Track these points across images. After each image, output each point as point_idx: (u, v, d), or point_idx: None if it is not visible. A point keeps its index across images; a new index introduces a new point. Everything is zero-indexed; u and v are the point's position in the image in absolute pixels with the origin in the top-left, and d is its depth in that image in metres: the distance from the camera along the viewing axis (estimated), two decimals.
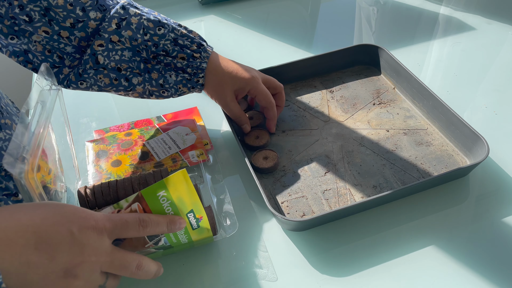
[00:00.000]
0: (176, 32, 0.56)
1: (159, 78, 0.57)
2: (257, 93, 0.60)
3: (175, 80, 0.58)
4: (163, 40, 0.55)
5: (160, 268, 0.42)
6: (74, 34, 0.53)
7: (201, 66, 0.57)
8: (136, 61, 0.56)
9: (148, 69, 0.57)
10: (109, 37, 0.53)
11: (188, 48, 0.57)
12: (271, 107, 0.62)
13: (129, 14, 0.54)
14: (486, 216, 0.53)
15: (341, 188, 0.57)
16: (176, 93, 0.59)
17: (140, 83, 0.57)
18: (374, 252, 0.50)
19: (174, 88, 0.58)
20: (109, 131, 0.67)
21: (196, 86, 0.59)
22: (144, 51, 0.55)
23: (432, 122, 0.64)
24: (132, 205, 0.42)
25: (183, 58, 0.57)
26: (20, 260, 0.32)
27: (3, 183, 0.44)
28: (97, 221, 0.37)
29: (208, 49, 0.58)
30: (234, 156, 0.63)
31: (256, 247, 0.51)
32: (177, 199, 0.42)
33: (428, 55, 0.80)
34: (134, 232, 0.39)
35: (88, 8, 0.52)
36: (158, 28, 0.55)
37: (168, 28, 0.56)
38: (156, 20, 0.56)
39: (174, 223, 0.42)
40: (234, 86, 0.59)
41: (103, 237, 0.37)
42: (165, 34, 0.56)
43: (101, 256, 0.36)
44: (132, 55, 0.55)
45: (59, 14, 0.51)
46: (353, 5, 0.98)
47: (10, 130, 0.47)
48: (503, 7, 0.93)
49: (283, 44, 0.86)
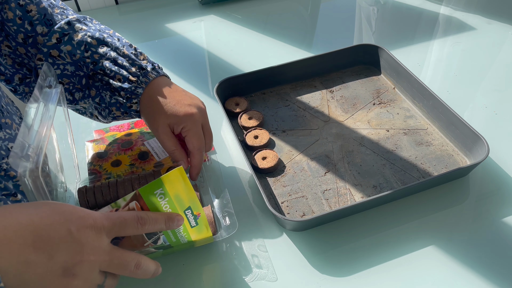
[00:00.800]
0: (118, 51, 0.54)
1: (95, 96, 0.55)
2: (188, 134, 0.52)
3: (109, 101, 0.55)
4: (104, 58, 0.53)
5: (158, 267, 0.42)
6: (29, 50, 0.52)
7: (135, 91, 0.53)
8: (79, 76, 0.54)
9: (88, 85, 0.55)
10: (48, 52, 0.52)
11: (126, 69, 0.53)
12: (198, 154, 0.53)
13: (74, 30, 0.53)
14: (486, 216, 0.53)
15: (341, 188, 0.57)
16: (109, 115, 0.56)
17: (81, 99, 0.55)
18: (374, 252, 0.50)
19: (108, 109, 0.55)
20: (109, 131, 0.67)
21: (129, 111, 0.54)
22: (84, 67, 0.54)
23: (432, 122, 0.64)
24: (130, 204, 0.42)
25: (119, 79, 0.53)
26: (19, 259, 0.32)
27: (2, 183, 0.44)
28: (95, 220, 0.37)
29: (152, 74, 0.54)
30: (234, 156, 0.63)
31: (256, 247, 0.51)
32: (174, 196, 0.42)
33: (428, 55, 0.80)
34: (133, 229, 0.39)
35: (35, 23, 0.51)
36: (101, 46, 0.53)
37: (112, 47, 0.54)
38: (101, 38, 0.54)
39: (172, 220, 0.42)
40: (167, 119, 0.52)
41: (101, 236, 0.37)
42: (106, 52, 0.53)
43: (99, 255, 0.36)
44: (75, 69, 0.54)
45: (11, 29, 0.51)
46: (353, 5, 0.98)
47: (10, 129, 0.47)
48: (503, 7, 0.93)
49: (283, 44, 0.86)
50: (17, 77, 0.55)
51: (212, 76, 0.79)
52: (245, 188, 0.58)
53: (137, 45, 0.87)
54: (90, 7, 1.00)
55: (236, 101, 0.69)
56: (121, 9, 1.01)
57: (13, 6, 0.51)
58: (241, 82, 0.70)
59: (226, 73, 0.74)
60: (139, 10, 0.99)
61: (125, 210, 0.42)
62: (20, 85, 0.56)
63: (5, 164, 0.45)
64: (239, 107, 0.68)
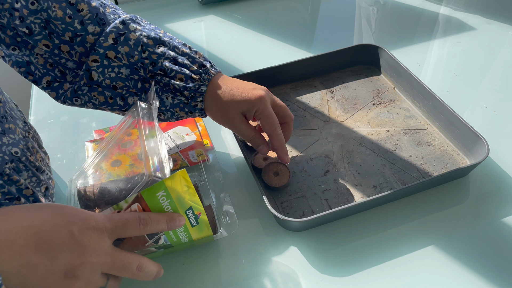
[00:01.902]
0: (177, 50, 0.53)
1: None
2: (262, 116, 0.53)
3: (172, 103, 0.53)
4: (162, 58, 0.51)
5: (160, 269, 0.42)
6: (74, 48, 0.51)
7: (199, 89, 0.52)
8: (134, 79, 0.53)
9: (145, 88, 0.53)
10: (105, 53, 0.50)
11: (187, 68, 0.52)
12: (276, 135, 0.54)
13: (129, 30, 0.51)
14: (486, 216, 0.53)
15: (341, 188, 0.57)
16: (173, 117, 0.55)
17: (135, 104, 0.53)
18: (374, 252, 0.50)
19: (171, 111, 0.54)
20: (109, 131, 0.67)
21: (194, 110, 0.54)
22: (142, 69, 0.52)
23: (432, 122, 0.64)
24: (131, 206, 0.42)
25: (181, 79, 0.52)
26: (20, 261, 0.32)
27: (6, 188, 0.44)
28: (98, 221, 0.37)
29: (212, 71, 0.53)
30: (234, 156, 0.63)
31: (256, 247, 0.51)
32: (176, 198, 0.42)
33: (428, 55, 0.80)
34: (135, 230, 0.39)
35: (87, 22, 0.50)
36: (158, 46, 0.52)
37: (169, 46, 0.52)
38: (157, 38, 0.52)
39: (173, 220, 0.42)
40: (239, 108, 0.52)
41: (103, 237, 0.37)
42: (165, 52, 0.52)
43: (101, 257, 0.36)
44: (129, 73, 0.52)
45: (58, 27, 0.49)
46: (353, 5, 0.98)
47: (14, 134, 0.47)
48: (503, 7, 0.93)
49: (283, 44, 0.86)
50: (46, 80, 0.53)
51: None
52: (245, 188, 0.58)
53: None
54: None
55: None
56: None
57: (64, 5, 0.49)
58: None
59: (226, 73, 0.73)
60: (139, 10, 0.99)
61: (127, 212, 0.42)
62: (47, 89, 0.54)
63: (8, 169, 0.45)
64: None
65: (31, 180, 0.48)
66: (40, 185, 0.50)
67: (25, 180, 0.47)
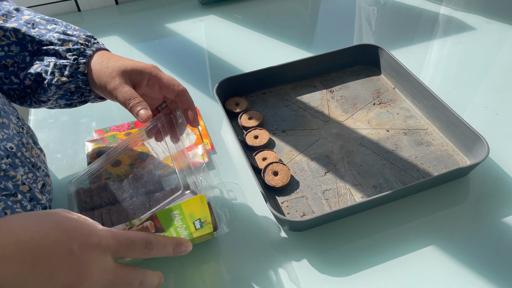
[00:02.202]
0: (68, 27, 0.52)
1: (38, 67, 0.51)
2: (160, 80, 0.49)
3: (53, 67, 0.50)
4: (52, 32, 0.51)
5: (161, 278, 0.41)
6: None
7: (84, 52, 0.50)
8: (24, 56, 0.51)
9: (33, 61, 0.51)
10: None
11: (76, 37, 0.51)
12: (184, 93, 0.50)
13: (22, 13, 0.52)
14: (486, 216, 0.53)
15: (341, 188, 0.57)
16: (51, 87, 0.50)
17: (25, 77, 0.51)
18: (374, 252, 0.50)
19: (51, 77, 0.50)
20: (109, 131, 0.67)
21: (75, 74, 0.49)
22: (29, 43, 0.50)
23: (432, 122, 0.64)
24: (144, 223, 0.42)
25: (68, 49, 0.50)
26: (16, 278, 0.31)
27: (2, 183, 0.44)
28: (101, 238, 0.35)
29: (101, 45, 0.52)
30: (234, 156, 0.63)
31: (256, 247, 0.51)
32: (188, 215, 0.43)
33: (428, 55, 0.80)
34: (140, 253, 0.38)
35: None
36: (50, 25, 0.52)
37: (61, 25, 0.52)
38: (51, 19, 0.52)
39: (180, 246, 0.42)
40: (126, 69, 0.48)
41: (106, 256, 0.35)
42: (55, 28, 0.51)
43: (103, 275, 0.35)
44: (20, 49, 0.50)
45: None
46: (353, 5, 0.98)
47: (8, 129, 0.46)
48: (503, 7, 0.93)
49: (283, 44, 0.86)
50: None
51: (212, 76, 0.79)
52: (245, 188, 0.58)
53: (137, 45, 0.88)
54: (90, 7, 1.00)
55: (236, 101, 0.69)
56: (121, 9, 1.01)
57: None
58: (241, 82, 0.70)
59: (226, 73, 0.74)
60: (139, 10, 0.99)
61: (135, 231, 0.41)
62: None
63: (4, 164, 0.44)
64: (239, 107, 0.68)
65: (27, 176, 0.47)
66: (36, 181, 0.49)
67: (21, 176, 0.46)
